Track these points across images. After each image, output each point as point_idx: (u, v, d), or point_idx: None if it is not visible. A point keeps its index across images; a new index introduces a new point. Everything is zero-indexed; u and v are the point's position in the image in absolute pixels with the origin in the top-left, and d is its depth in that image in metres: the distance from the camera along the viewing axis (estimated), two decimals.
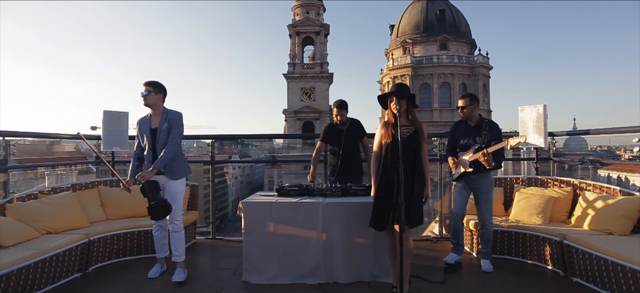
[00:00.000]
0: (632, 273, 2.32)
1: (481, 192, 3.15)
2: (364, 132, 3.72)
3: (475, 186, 3.17)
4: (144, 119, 3.00)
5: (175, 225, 2.95)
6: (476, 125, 3.17)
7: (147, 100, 2.91)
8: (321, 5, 35.54)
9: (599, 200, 3.10)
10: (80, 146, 25.27)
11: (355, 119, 3.70)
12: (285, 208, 2.88)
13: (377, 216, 2.54)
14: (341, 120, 3.63)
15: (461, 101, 3.22)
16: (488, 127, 3.11)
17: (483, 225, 3.16)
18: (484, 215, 3.14)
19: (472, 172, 3.09)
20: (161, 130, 2.89)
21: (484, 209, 3.14)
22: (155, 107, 2.95)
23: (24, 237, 2.81)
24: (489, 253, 3.19)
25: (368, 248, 2.83)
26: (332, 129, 3.69)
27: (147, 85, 2.91)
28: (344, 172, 3.52)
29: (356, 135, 3.66)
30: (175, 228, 2.96)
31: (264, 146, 45.84)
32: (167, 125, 2.91)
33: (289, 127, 33.82)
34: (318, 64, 34.76)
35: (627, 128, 3.83)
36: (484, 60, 36.73)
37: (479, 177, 3.12)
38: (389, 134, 2.54)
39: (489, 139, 3.04)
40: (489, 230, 3.16)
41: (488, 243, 3.18)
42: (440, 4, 37.78)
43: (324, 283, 2.78)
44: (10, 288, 2.37)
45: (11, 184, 3.89)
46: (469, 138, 3.15)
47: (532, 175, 3.99)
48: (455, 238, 3.24)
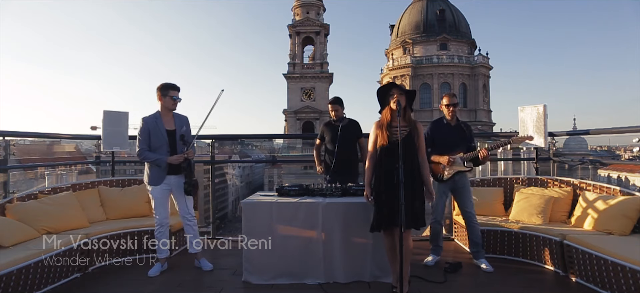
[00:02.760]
0: (632, 273, 2.32)
1: (463, 191, 3.22)
2: (360, 132, 3.69)
3: (456, 186, 3.23)
4: (153, 119, 3.00)
5: (193, 215, 3.18)
6: (457, 125, 3.24)
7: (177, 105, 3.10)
8: (321, 5, 35.54)
9: (599, 200, 3.10)
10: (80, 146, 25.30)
11: (353, 119, 3.69)
12: (285, 208, 2.87)
13: (378, 219, 2.52)
14: (337, 116, 3.61)
15: (452, 99, 3.23)
16: (466, 128, 3.23)
17: (470, 222, 3.20)
18: (470, 212, 3.20)
19: (455, 173, 3.16)
20: (178, 134, 3.04)
21: (469, 205, 3.20)
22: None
23: (24, 237, 2.81)
24: (482, 252, 3.20)
25: (368, 248, 2.83)
26: (328, 125, 3.68)
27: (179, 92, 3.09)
28: (338, 170, 3.49)
29: (352, 134, 3.62)
30: (192, 217, 3.17)
31: (264, 146, 45.82)
32: (186, 128, 3.11)
33: (289, 127, 33.83)
34: (318, 64, 34.77)
35: (627, 128, 3.83)
36: (484, 60, 36.75)
37: (461, 177, 3.20)
38: (385, 135, 2.52)
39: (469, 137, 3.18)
40: (477, 226, 3.20)
41: (479, 241, 3.20)
42: (440, 4, 37.79)
43: (324, 283, 2.78)
44: (10, 288, 2.37)
45: (11, 184, 3.89)
46: (453, 138, 3.17)
47: (532, 175, 3.99)
48: (434, 240, 3.34)
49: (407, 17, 38.90)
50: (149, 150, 2.99)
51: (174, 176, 3.05)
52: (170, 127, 3.04)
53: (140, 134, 2.98)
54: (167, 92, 3.03)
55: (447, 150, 3.13)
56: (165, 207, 3.10)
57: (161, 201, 3.07)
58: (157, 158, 2.98)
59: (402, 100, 2.52)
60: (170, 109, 3.07)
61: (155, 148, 2.99)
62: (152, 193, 3.06)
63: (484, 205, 3.70)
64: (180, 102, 3.08)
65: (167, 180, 3.04)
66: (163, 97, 3.03)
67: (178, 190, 3.07)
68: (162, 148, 3.00)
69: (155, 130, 2.98)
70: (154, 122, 3.00)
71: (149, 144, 2.99)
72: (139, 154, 3.00)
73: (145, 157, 2.98)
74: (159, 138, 2.99)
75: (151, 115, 3.03)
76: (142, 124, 2.99)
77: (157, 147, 2.99)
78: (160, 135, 2.99)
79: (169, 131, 3.02)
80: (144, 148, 2.98)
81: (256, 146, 53.26)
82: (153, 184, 3.04)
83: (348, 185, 3.13)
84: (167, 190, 3.08)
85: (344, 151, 3.55)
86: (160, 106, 3.06)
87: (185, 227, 3.16)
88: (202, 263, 3.17)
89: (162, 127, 3.00)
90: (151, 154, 2.98)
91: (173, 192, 3.11)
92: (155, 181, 3.03)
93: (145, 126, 2.98)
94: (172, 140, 3.02)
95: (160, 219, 3.07)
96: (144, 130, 2.98)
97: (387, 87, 2.60)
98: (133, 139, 3.07)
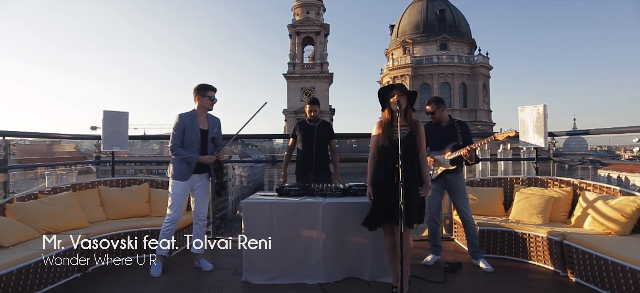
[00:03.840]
0: (632, 273, 2.32)
1: (457, 191, 3.23)
2: (333, 133, 3.67)
3: (450, 186, 3.25)
4: (189, 117, 3.05)
5: (206, 216, 3.25)
6: (447, 126, 3.27)
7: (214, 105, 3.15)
8: (321, 5, 35.52)
9: (599, 200, 3.10)
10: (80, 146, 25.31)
11: (325, 120, 3.70)
12: (285, 208, 2.87)
13: (373, 216, 2.55)
14: (314, 117, 3.59)
15: (428, 107, 3.31)
16: (459, 127, 3.24)
17: (466, 222, 3.22)
18: (465, 212, 3.21)
19: (446, 172, 3.19)
20: (211, 135, 3.11)
21: (464, 206, 3.22)
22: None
23: (24, 237, 2.81)
24: (480, 252, 3.22)
25: (368, 248, 2.83)
26: (302, 125, 3.63)
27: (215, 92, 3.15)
28: (318, 173, 3.47)
29: (326, 136, 3.59)
30: (205, 218, 3.23)
31: (264, 146, 45.81)
32: (217, 129, 3.18)
33: (289, 127, 33.84)
34: (318, 64, 34.74)
35: (627, 128, 3.84)
36: (484, 60, 36.73)
37: (454, 177, 3.21)
38: (385, 134, 2.52)
39: (462, 136, 3.20)
40: (473, 226, 3.22)
41: (476, 240, 3.22)
42: (440, 4, 37.77)
43: (324, 283, 2.78)
44: (10, 288, 2.37)
45: (11, 184, 3.90)
46: (439, 138, 3.21)
47: (532, 175, 3.99)
48: (433, 240, 3.34)
49: (407, 17, 38.89)
50: (181, 146, 3.01)
51: (197, 175, 3.09)
52: (203, 126, 3.09)
53: (175, 130, 3.02)
54: (206, 92, 3.08)
55: (434, 150, 3.20)
56: (183, 205, 3.12)
57: (180, 198, 3.08)
58: (189, 155, 3.01)
59: (403, 101, 2.52)
60: (207, 109, 3.12)
61: (187, 146, 3.02)
62: (174, 188, 3.07)
63: (484, 205, 3.71)
64: (216, 102, 3.14)
65: (191, 179, 3.07)
66: (201, 98, 3.08)
67: (199, 189, 3.14)
68: (194, 147, 3.04)
69: (191, 127, 3.03)
70: (190, 120, 3.04)
71: (183, 140, 3.02)
72: (172, 149, 3.03)
73: (178, 152, 3.01)
74: (192, 136, 3.03)
75: (187, 113, 3.07)
76: (178, 119, 3.03)
77: (190, 144, 3.03)
78: (194, 133, 3.03)
79: (202, 130, 3.07)
80: (178, 144, 3.01)
81: (256, 146, 53.27)
82: (179, 179, 3.06)
83: (348, 184, 3.13)
84: (188, 189, 3.11)
85: (321, 153, 3.54)
86: (197, 106, 3.10)
87: (195, 226, 3.18)
88: (202, 264, 3.18)
89: (197, 125, 3.05)
90: (184, 151, 3.01)
91: (194, 191, 3.15)
92: (182, 177, 3.05)
93: (181, 122, 3.02)
94: (203, 140, 3.07)
95: (174, 216, 3.08)
96: (179, 126, 3.01)
97: (389, 88, 2.61)
98: (133, 139, 3.07)
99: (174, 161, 3.09)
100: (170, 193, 3.10)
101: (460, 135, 3.19)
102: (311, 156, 3.52)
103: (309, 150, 3.53)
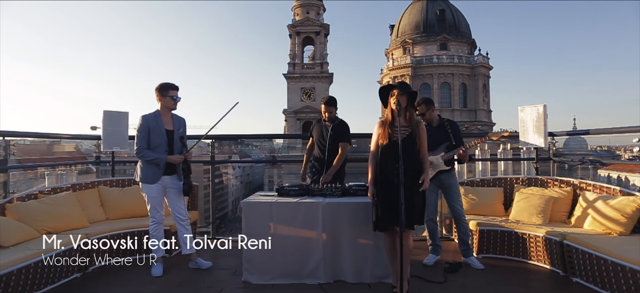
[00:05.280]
0: (632, 273, 2.32)
1: (451, 190, 3.26)
2: (344, 135, 3.49)
3: (444, 185, 3.28)
4: (153, 118, 3.00)
5: (186, 215, 3.18)
6: (438, 126, 3.29)
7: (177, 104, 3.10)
8: (321, 5, 35.52)
9: (599, 200, 3.10)
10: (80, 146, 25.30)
11: (343, 122, 3.54)
12: (285, 208, 2.87)
13: (379, 218, 2.53)
14: (330, 118, 3.50)
15: (418, 108, 3.27)
16: (450, 126, 3.26)
17: (458, 220, 3.24)
18: (458, 210, 3.24)
19: (440, 172, 3.22)
20: (177, 135, 3.08)
21: (457, 204, 3.25)
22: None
23: (24, 237, 2.81)
24: (470, 250, 3.25)
25: (368, 248, 2.83)
26: (319, 125, 3.59)
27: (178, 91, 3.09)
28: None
29: (339, 137, 3.48)
30: (186, 217, 3.17)
31: (264, 146, 45.82)
32: (183, 129, 3.14)
33: (289, 127, 33.79)
34: (318, 64, 34.73)
35: (627, 128, 3.84)
36: (484, 60, 36.73)
37: (447, 176, 3.25)
38: (386, 134, 2.52)
39: (453, 135, 3.24)
40: (465, 224, 3.25)
41: (467, 238, 3.25)
42: (440, 4, 37.77)
43: (324, 284, 2.78)
44: (10, 288, 2.37)
45: (11, 184, 3.90)
46: (434, 138, 3.20)
47: (532, 175, 3.99)
48: (431, 239, 3.36)
49: (407, 17, 38.89)
50: (147, 148, 2.98)
51: (168, 176, 3.07)
52: (169, 127, 3.05)
53: (139, 132, 2.97)
54: (167, 92, 3.03)
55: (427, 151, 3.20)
56: (162, 203, 3.11)
57: (157, 199, 3.07)
58: (156, 157, 2.97)
59: (403, 101, 2.51)
60: (170, 109, 3.08)
61: (153, 147, 2.99)
62: (148, 192, 3.04)
63: (484, 205, 3.71)
64: (179, 101, 3.09)
65: (161, 180, 3.04)
66: (163, 97, 3.03)
67: (171, 190, 3.10)
68: (161, 148, 3.00)
69: (155, 128, 2.98)
70: (154, 121, 3.00)
71: (148, 142, 2.98)
72: (137, 152, 2.98)
73: (145, 155, 2.97)
74: (158, 137, 2.99)
75: (151, 114, 3.03)
76: (141, 121, 2.98)
77: (156, 146, 2.99)
78: (160, 134, 2.99)
79: (168, 131, 3.03)
80: (143, 146, 2.97)
81: (256, 146, 53.29)
82: (148, 183, 3.02)
83: (348, 184, 3.13)
84: (162, 188, 3.09)
85: (334, 155, 3.47)
86: (160, 106, 3.06)
87: (178, 226, 3.15)
88: (199, 262, 3.17)
89: (162, 126, 3.01)
90: (151, 152, 2.98)
91: (166, 192, 3.11)
92: (151, 180, 3.02)
93: (145, 124, 2.97)
94: (170, 140, 3.04)
95: (157, 217, 3.08)
96: (143, 127, 2.97)
97: (390, 87, 2.60)
98: (133, 138, 3.07)
99: (141, 164, 3.04)
100: (145, 197, 3.07)
101: (451, 135, 3.21)
102: (323, 157, 3.50)
103: (322, 151, 3.52)
